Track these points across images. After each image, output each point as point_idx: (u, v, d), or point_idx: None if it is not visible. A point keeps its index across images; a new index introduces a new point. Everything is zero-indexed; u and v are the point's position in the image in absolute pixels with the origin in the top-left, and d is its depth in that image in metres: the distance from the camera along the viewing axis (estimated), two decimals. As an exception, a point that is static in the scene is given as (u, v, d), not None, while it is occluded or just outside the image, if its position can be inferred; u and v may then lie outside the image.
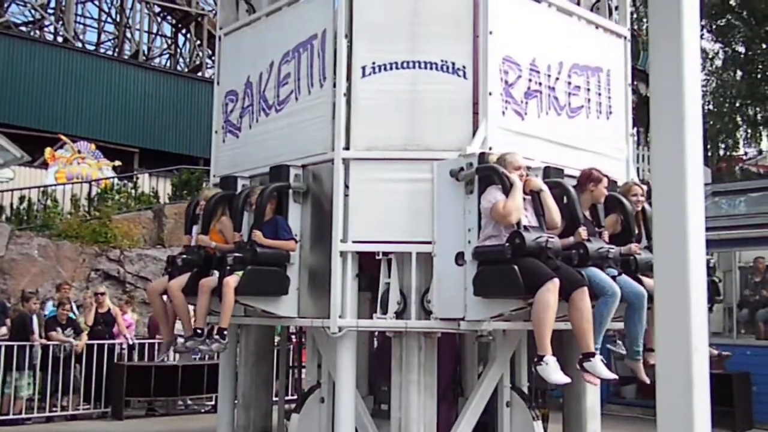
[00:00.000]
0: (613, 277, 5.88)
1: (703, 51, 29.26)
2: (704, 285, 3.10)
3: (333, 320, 6.09)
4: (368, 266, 6.38)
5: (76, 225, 17.90)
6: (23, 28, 31.49)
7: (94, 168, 24.44)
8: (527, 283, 5.33)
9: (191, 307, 6.59)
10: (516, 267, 5.37)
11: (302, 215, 6.48)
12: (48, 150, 23.62)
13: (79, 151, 24.36)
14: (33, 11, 31.77)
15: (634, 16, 26.79)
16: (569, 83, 6.77)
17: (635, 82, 8.23)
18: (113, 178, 22.80)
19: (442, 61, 6.26)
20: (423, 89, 6.27)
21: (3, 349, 11.36)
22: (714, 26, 30.69)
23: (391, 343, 6.38)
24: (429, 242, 6.07)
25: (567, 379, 5.38)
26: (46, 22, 31.81)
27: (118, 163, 24.48)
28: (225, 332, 6.12)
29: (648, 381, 5.99)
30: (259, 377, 7.68)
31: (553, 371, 5.30)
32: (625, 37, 7.35)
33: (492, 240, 5.60)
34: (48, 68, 27.50)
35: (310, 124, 6.48)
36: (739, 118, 31.48)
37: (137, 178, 22.57)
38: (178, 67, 33.24)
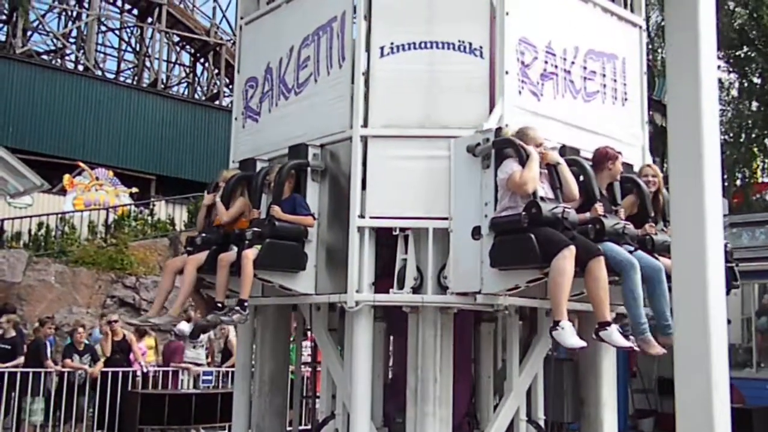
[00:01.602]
0: (630, 252, 5.92)
1: (720, 81, 29.34)
2: (725, 329, 3.11)
3: (350, 295, 6.13)
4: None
5: (92, 251, 18.11)
6: (45, 57, 32.04)
7: (111, 195, 24.70)
8: (543, 252, 5.37)
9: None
10: (532, 235, 5.41)
11: (320, 194, 6.54)
12: (66, 177, 23.94)
13: (97, 178, 24.65)
14: (55, 40, 32.32)
15: (649, 47, 27.04)
16: (585, 68, 6.85)
17: (651, 112, 8.28)
18: (130, 205, 22.99)
19: (459, 41, 6.36)
20: (440, 69, 6.36)
21: (18, 375, 11.40)
22: (730, 57, 30.79)
23: (405, 374, 6.39)
24: (446, 218, 6.12)
25: (583, 343, 5.41)
26: (68, 51, 32.40)
27: (135, 190, 24.77)
28: (245, 304, 6.17)
29: None
30: (272, 407, 7.61)
31: (569, 336, 5.32)
32: (640, 27, 7.45)
33: (508, 211, 5.65)
34: (68, 96, 27.97)
35: (329, 104, 6.59)
36: (756, 149, 31.42)
37: (154, 205, 22.77)
38: (196, 96, 33.71)
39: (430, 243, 6.13)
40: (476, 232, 5.87)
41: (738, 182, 31.49)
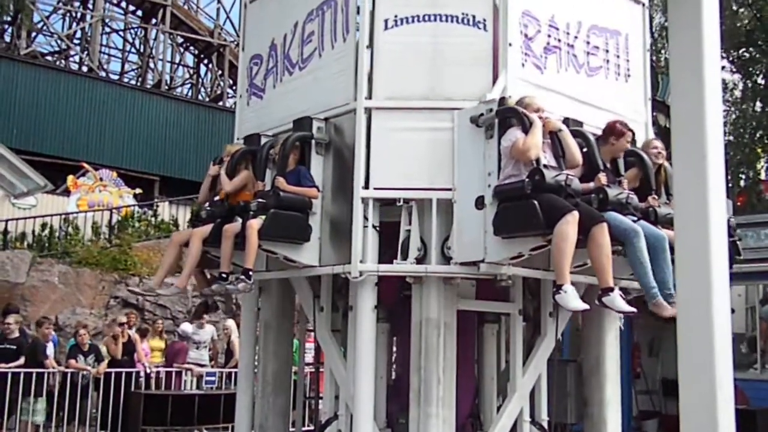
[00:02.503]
0: (633, 222, 5.94)
1: (723, 82, 29.35)
2: (729, 330, 3.12)
3: (354, 265, 6.14)
4: (386, 298, 6.49)
5: (96, 252, 18.14)
6: (49, 58, 32.16)
7: (115, 196, 24.73)
8: (547, 218, 5.40)
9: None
10: (536, 202, 5.44)
11: (324, 167, 6.58)
12: (70, 178, 23.97)
13: (101, 179, 24.69)
14: (59, 41, 32.44)
15: (653, 48, 27.08)
16: (588, 43, 6.88)
17: (654, 113, 8.30)
18: (134, 206, 23.01)
19: (462, 14, 6.39)
20: (444, 41, 6.40)
21: (21, 375, 11.42)
22: (734, 58, 30.79)
23: (408, 375, 6.39)
24: (449, 189, 6.14)
25: (585, 306, 5.43)
26: (72, 52, 32.49)
27: (138, 190, 24.78)
28: (250, 273, 6.20)
29: None
30: (275, 407, 7.60)
31: (571, 299, 5.35)
32: (643, 4, 7.47)
33: (512, 179, 5.68)
34: (72, 97, 28.03)
35: (333, 77, 6.62)
36: (760, 150, 31.40)
37: (157, 206, 22.79)
38: (200, 97, 33.77)
39: (434, 214, 6.15)
40: (480, 202, 5.90)
41: (742, 183, 31.47)
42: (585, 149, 6.11)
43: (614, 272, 5.64)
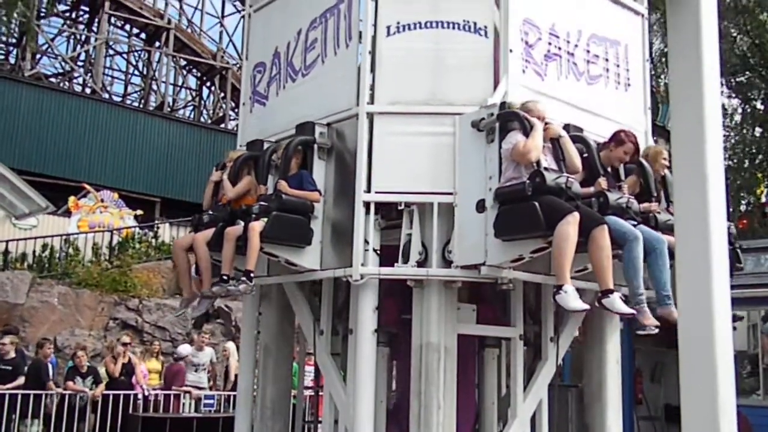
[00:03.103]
0: (633, 226, 5.98)
1: (723, 107, 29.50)
2: (731, 359, 3.14)
3: (355, 268, 6.17)
4: (387, 321, 6.50)
5: (96, 273, 18.15)
6: (53, 80, 32.36)
7: (116, 217, 24.75)
8: (547, 219, 5.43)
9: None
10: (536, 203, 5.47)
11: (326, 172, 6.62)
12: (72, 199, 24.03)
13: (102, 200, 24.73)
14: (63, 63, 32.66)
15: (652, 73, 27.24)
16: (588, 51, 6.95)
17: (655, 138, 8.38)
18: (135, 227, 23.04)
19: (464, 20, 6.47)
20: (445, 47, 6.46)
21: (19, 396, 11.38)
22: (733, 83, 30.97)
23: (408, 400, 6.34)
24: (450, 193, 6.18)
25: (586, 306, 5.45)
26: (76, 74, 32.69)
27: (139, 212, 24.82)
28: (251, 274, 6.22)
29: None
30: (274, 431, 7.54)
31: (572, 299, 5.38)
32: (643, 15, 7.55)
33: (513, 182, 5.72)
34: (75, 118, 28.19)
35: (336, 83, 6.68)
36: (760, 174, 31.49)
37: (158, 228, 22.82)
38: (202, 119, 33.93)
39: (435, 218, 6.18)
40: (481, 206, 5.93)
41: (743, 208, 31.52)
42: (585, 155, 6.17)
43: (615, 278, 5.67)
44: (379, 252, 6.32)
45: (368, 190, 6.27)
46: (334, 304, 7.04)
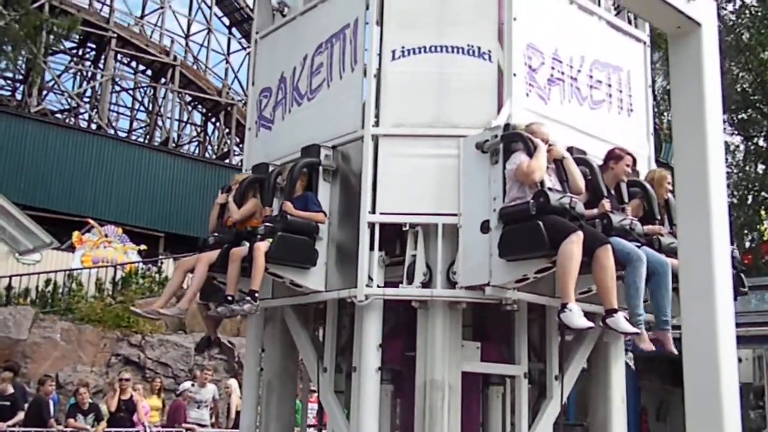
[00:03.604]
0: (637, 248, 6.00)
1: (725, 144, 29.56)
2: (736, 387, 3.16)
3: (360, 288, 6.18)
4: (390, 359, 6.50)
5: (99, 309, 18.14)
6: (59, 116, 32.62)
7: (119, 252, 24.84)
8: (551, 238, 5.45)
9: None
10: (540, 223, 5.50)
11: (331, 194, 6.66)
12: (76, 234, 24.14)
13: (106, 235, 24.84)
14: (69, 99, 32.94)
15: (655, 110, 27.37)
16: (591, 77, 7.03)
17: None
18: (138, 262, 23.08)
19: (468, 45, 6.55)
20: (450, 71, 6.54)
21: None
22: (735, 120, 31.09)
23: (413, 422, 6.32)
24: (455, 214, 6.21)
25: (590, 324, 5.45)
26: (82, 110, 32.97)
27: (143, 247, 24.90)
28: (256, 294, 6.23)
29: (675, 352, 6.00)
30: None
31: (576, 317, 5.38)
32: (644, 42, 7.64)
33: (516, 201, 5.75)
34: (80, 154, 28.39)
35: (341, 106, 6.76)
36: (763, 211, 31.46)
37: (162, 263, 22.85)
38: (207, 154, 34.13)
39: (439, 239, 6.21)
40: (485, 226, 5.95)
41: (746, 245, 31.44)
42: (589, 177, 6.21)
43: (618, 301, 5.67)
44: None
45: (373, 212, 6.31)
46: (338, 341, 7.02)
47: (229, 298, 6.33)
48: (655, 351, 6.01)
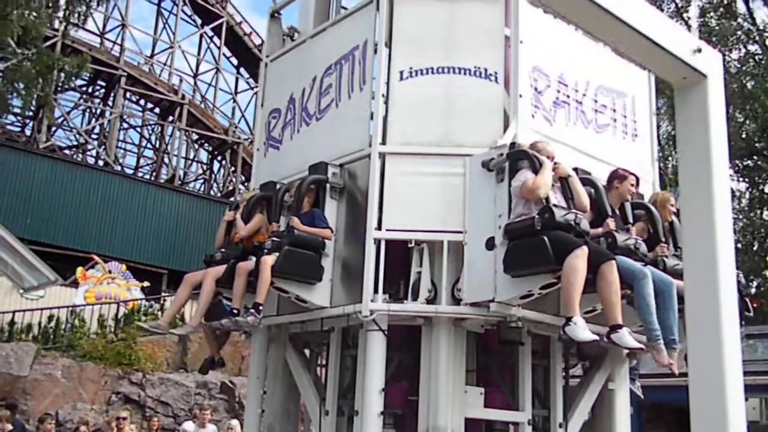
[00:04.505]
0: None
1: (731, 191, 29.56)
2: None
3: (365, 304, 6.20)
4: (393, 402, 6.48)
5: (101, 346, 18.06)
6: (67, 152, 32.85)
7: (123, 288, 24.78)
8: (556, 253, 5.48)
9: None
10: (545, 237, 5.53)
11: (338, 211, 6.73)
12: (80, 269, 24.12)
13: (109, 271, 24.81)
14: (78, 136, 33.20)
15: (660, 155, 27.54)
16: (596, 101, 7.13)
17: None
18: (141, 299, 23.04)
19: (475, 67, 6.66)
20: (457, 92, 6.64)
21: None
22: (740, 166, 31.21)
23: None
24: (460, 231, 6.25)
25: (595, 337, 5.46)
26: (89, 147, 33.20)
27: (146, 283, 24.84)
28: (260, 307, 6.25)
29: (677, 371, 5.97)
30: None
31: (581, 330, 5.39)
32: (650, 70, 7.72)
33: (522, 218, 5.79)
34: (86, 190, 28.51)
35: (349, 125, 6.86)
36: (768, 258, 31.35)
37: (164, 300, 22.82)
38: (212, 192, 34.27)
39: (444, 256, 6.24)
40: (490, 243, 5.98)
41: (752, 291, 31.33)
42: (594, 197, 6.25)
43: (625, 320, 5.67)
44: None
45: (379, 228, 6.36)
46: (340, 384, 7.00)
47: (234, 311, 6.35)
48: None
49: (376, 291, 6.23)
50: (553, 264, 5.50)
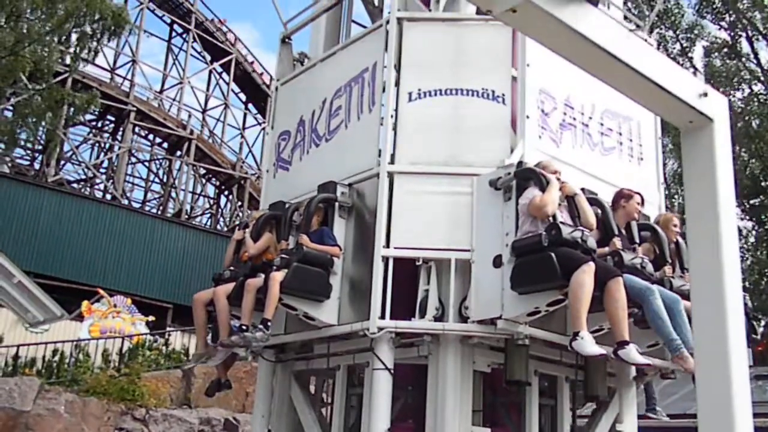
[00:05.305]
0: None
1: (737, 229, 29.51)
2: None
3: (372, 321, 6.23)
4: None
5: (104, 381, 17.99)
6: (75, 185, 33.05)
7: (127, 322, 24.72)
8: (563, 269, 5.52)
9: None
10: (552, 254, 5.58)
11: (346, 230, 6.78)
12: (85, 303, 24.11)
13: (115, 305, 24.77)
14: (86, 170, 33.42)
15: (666, 192, 27.57)
16: (602, 124, 7.21)
17: None
18: (146, 334, 23.00)
19: (482, 89, 6.76)
20: (464, 113, 6.74)
21: None
22: (746, 205, 31.23)
23: None
24: (468, 250, 6.30)
25: (602, 351, 5.47)
26: (98, 180, 33.39)
27: (151, 318, 24.78)
28: (269, 323, 6.28)
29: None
30: None
31: (588, 345, 5.41)
32: (656, 113, 7.81)
33: (529, 235, 5.84)
34: (93, 224, 28.61)
35: (358, 145, 6.95)
36: (776, 296, 31.23)
37: (169, 335, 22.77)
38: (218, 227, 34.36)
39: (452, 274, 6.29)
40: (498, 261, 6.03)
41: (760, 330, 31.15)
42: (600, 216, 6.31)
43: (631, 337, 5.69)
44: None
45: (387, 246, 6.41)
46: (345, 423, 6.98)
47: (243, 327, 6.38)
48: None
49: (383, 308, 6.27)
50: (560, 280, 5.54)
